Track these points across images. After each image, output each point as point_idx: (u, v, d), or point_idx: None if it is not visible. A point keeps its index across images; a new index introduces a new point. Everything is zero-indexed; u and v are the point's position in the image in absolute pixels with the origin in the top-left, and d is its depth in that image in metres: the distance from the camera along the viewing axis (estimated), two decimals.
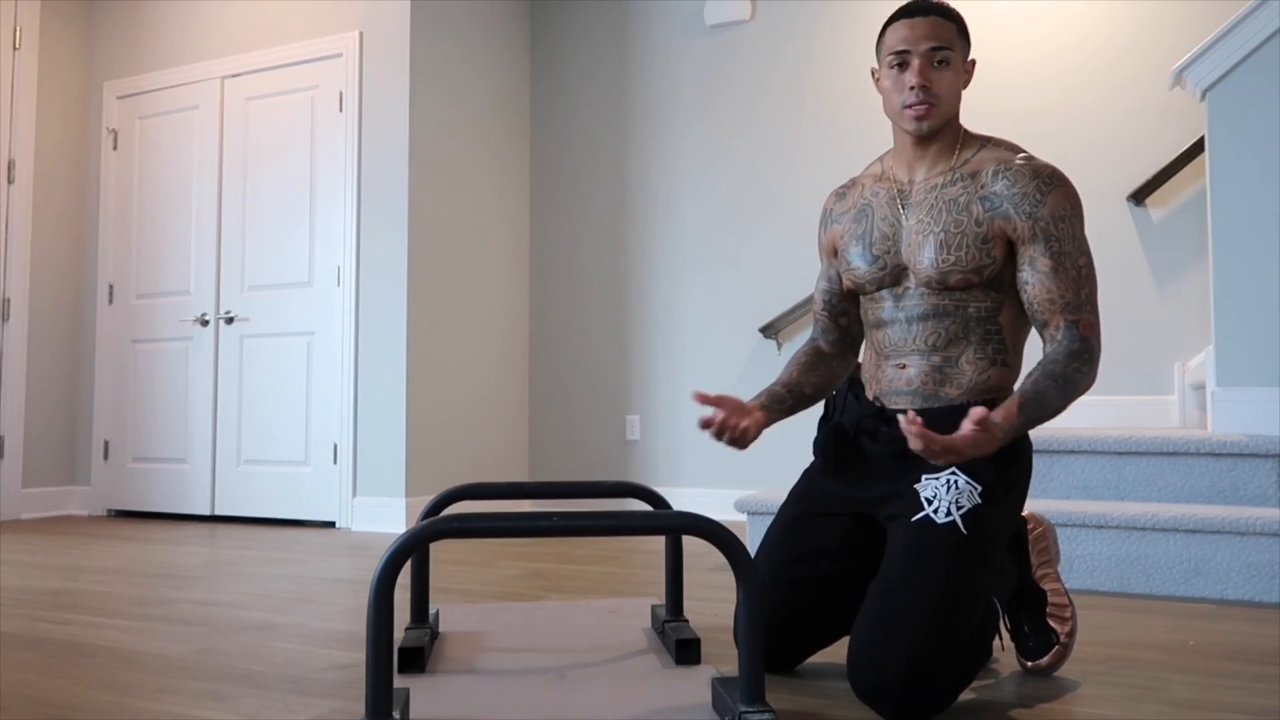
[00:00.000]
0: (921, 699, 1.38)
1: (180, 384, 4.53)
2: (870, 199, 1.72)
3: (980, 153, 1.63)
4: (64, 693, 1.62)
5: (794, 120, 4.30)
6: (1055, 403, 1.48)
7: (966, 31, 1.65)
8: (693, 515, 1.28)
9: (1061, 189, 1.56)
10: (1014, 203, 1.56)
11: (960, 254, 1.58)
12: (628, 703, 1.50)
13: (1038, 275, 1.55)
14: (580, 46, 4.80)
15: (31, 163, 4.62)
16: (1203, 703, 1.53)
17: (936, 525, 1.49)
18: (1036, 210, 1.55)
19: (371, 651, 1.21)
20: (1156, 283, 3.68)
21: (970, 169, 1.62)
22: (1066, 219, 1.56)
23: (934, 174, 1.65)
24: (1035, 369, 1.52)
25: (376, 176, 4.13)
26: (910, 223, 1.64)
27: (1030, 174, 1.57)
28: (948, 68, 1.60)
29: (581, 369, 4.69)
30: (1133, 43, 3.77)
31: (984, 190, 1.59)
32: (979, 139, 1.66)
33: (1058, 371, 1.50)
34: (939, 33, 1.59)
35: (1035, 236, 1.55)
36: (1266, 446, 2.59)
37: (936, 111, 1.59)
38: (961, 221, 1.58)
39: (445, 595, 2.51)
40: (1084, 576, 2.54)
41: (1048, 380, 1.49)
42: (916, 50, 1.59)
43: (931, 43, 1.58)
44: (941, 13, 1.61)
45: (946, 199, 1.61)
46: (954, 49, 1.60)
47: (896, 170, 1.70)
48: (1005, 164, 1.60)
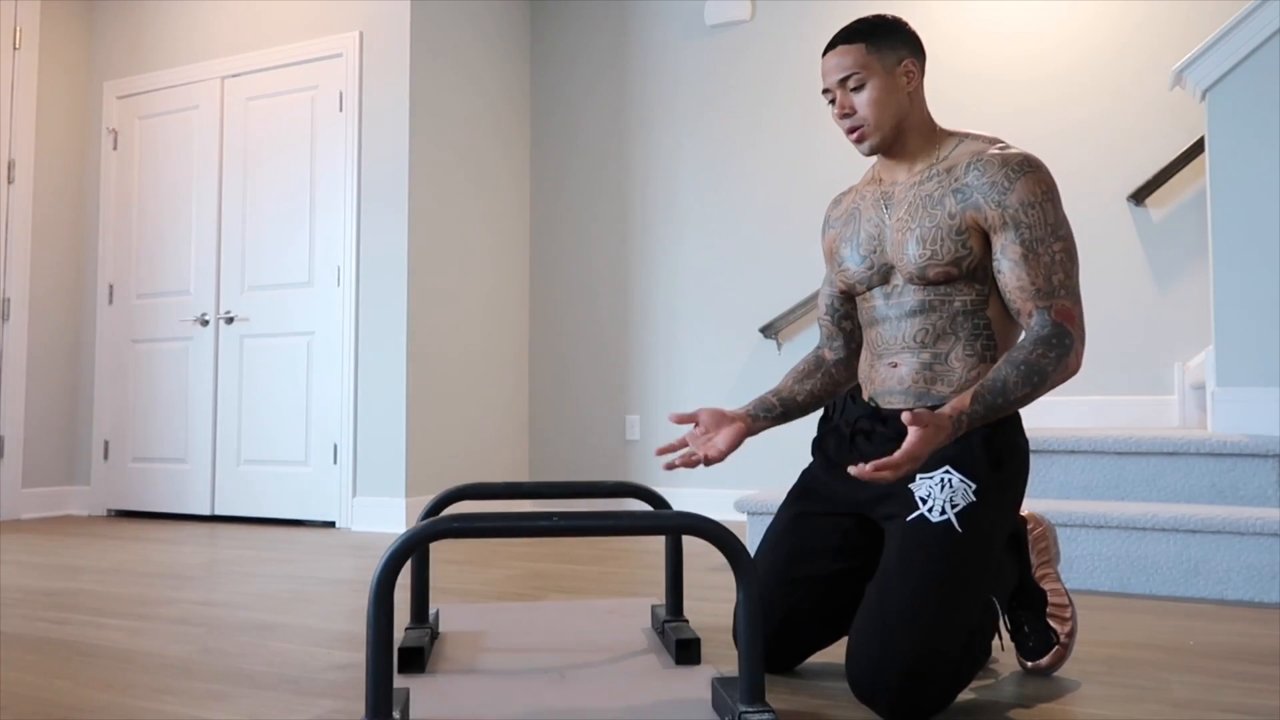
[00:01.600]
0: (920, 698, 1.38)
1: (180, 384, 4.53)
2: (859, 202, 1.76)
3: (958, 148, 1.66)
4: (64, 693, 1.62)
5: (794, 120, 4.30)
6: (1018, 390, 1.48)
7: (891, 37, 1.65)
8: (693, 515, 1.28)
9: (1032, 174, 1.56)
10: (983, 192, 1.58)
11: (936, 247, 1.59)
12: (628, 703, 1.50)
13: (1009, 263, 1.56)
14: (580, 46, 4.80)
15: (31, 163, 4.62)
16: (1203, 703, 1.53)
17: (931, 524, 1.50)
18: (1005, 198, 1.56)
19: (371, 651, 1.21)
20: (1156, 283, 3.68)
21: (947, 164, 1.64)
22: (1036, 205, 1.56)
23: (914, 173, 1.68)
24: (1001, 357, 1.53)
25: (376, 176, 4.14)
26: (892, 221, 1.67)
27: (1000, 163, 1.58)
28: (863, 89, 1.64)
29: (581, 369, 4.69)
30: (1133, 42, 3.77)
31: (957, 183, 1.61)
32: (957, 135, 1.68)
33: (1020, 358, 1.50)
34: (843, 62, 1.65)
35: (1005, 224, 1.56)
36: (1266, 446, 2.59)
37: (869, 131, 1.65)
38: (936, 215, 1.61)
39: (445, 595, 2.51)
40: (1084, 576, 2.54)
41: (1009, 367, 1.50)
42: (833, 85, 1.67)
43: (839, 74, 1.65)
44: (846, 39, 1.66)
45: (924, 195, 1.64)
46: (866, 68, 1.63)
47: (883, 173, 1.75)
48: (978, 155, 1.61)
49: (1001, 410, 1.48)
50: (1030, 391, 1.49)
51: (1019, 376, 1.49)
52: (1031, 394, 1.50)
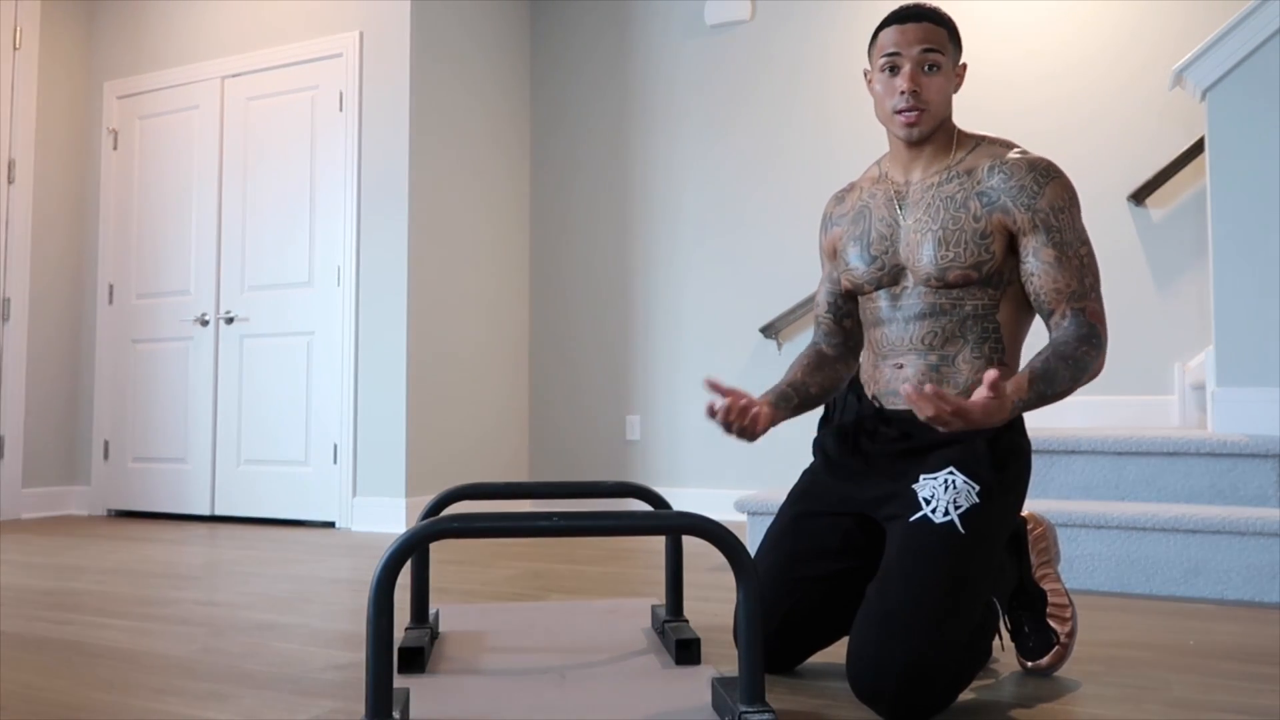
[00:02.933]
0: (921, 699, 1.38)
1: (180, 384, 4.53)
2: (868, 200, 1.73)
3: (975, 150, 1.65)
4: (64, 693, 1.62)
5: (794, 120, 4.30)
6: (1064, 384, 1.48)
7: (958, 36, 1.66)
8: (693, 515, 1.28)
9: (1058, 180, 1.57)
10: (1012, 195, 1.57)
11: (959, 250, 1.58)
12: (628, 703, 1.50)
13: (1042, 265, 1.56)
14: (580, 46, 4.80)
15: (31, 163, 4.62)
16: (1202, 703, 1.53)
17: (934, 525, 1.50)
18: (1035, 202, 1.56)
19: (371, 651, 1.21)
20: (1156, 283, 3.68)
21: (966, 166, 1.63)
22: (1065, 209, 1.57)
23: (930, 174, 1.66)
24: (1045, 349, 1.52)
25: (376, 176, 4.14)
26: (908, 222, 1.65)
27: (1026, 167, 1.58)
28: (938, 72, 1.61)
29: (581, 369, 4.69)
30: (1133, 42, 3.77)
31: (980, 186, 1.60)
32: (973, 138, 1.67)
33: (1068, 353, 1.50)
34: (931, 37, 1.60)
35: (1036, 227, 1.56)
36: (1266, 446, 2.59)
37: (926, 117, 1.61)
38: (959, 218, 1.59)
39: (445, 595, 2.51)
40: (1084, 576, 2.54)
41: (1058, 360, 1.49)
42: (908, 54, 1.60)
43: (922, 46, 1.59)
44: (933, 18, 1.62)
45: (944, 197, 1.62)
46: (945, 53, 1.61)
47: (893, 172, 1.71)
48: (1000, 159, 1.61)
49: (1046, 401, 1.48)
50: (1070, 386, 1.49)
51: (1067, 369, 1.48)
52: (1069, 389, 1.49)
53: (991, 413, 1.36)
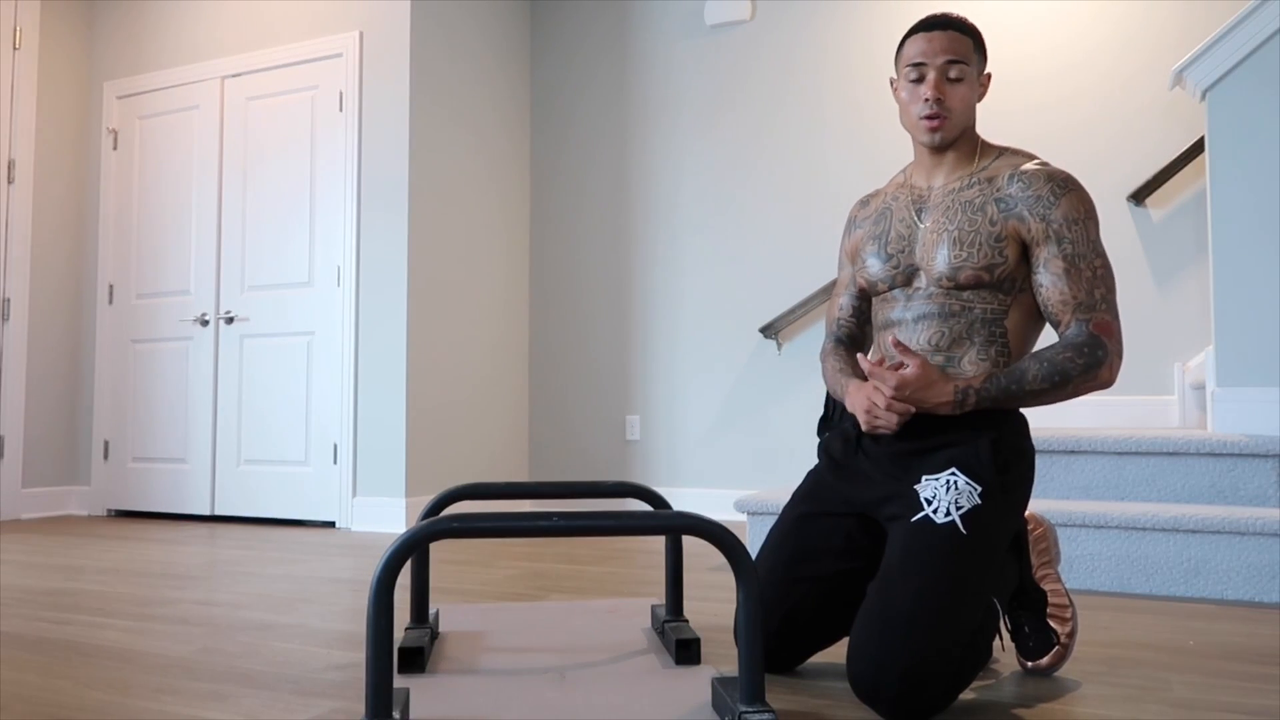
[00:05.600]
0: (921, 699, 1.38)
1: (180, 384, 4.53)
2: (890, 203, 1.77)
3: (998, 160, 1.68)
4: (64, 693, 1.62)
5: (794, 120, 4.30)
6: (1035, 384, 1.52)
7: (983, 46, 1.69)
8: (693, 515, 1.28)
9: (1075, 193, 1.60)
10: (1028, 204, 1.60)
11: (973, 250, 1.61)
12: (628, 703, 1.50)
13: (1051, 276, 1.59)
14: (580, 46, 4.80)
15: (31, 163, 4.62)
16: (1202, 703, 1.53)
17: (936, 525, 1.50)
18: (1050, 212, 1.59)
19: (371, 651, 1.21)
20: (1156, 283, 3.68)
21: (988, 174, 1.66)
22: (1080, 222, 1.59)
23: (952, 180, 1.69)
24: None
25: (376, 176, 4.13)
26: (926, 225, 1.68)
27: (1045, 178, 1.61)
28: (962, 82, 1.64)
29: (581, 369, 4.69)
30: (1133, 42, 3.77)
31: (999, 193, 1.63)
32: (996, 148, 1.71)
33: (1047, 355, 1.54)
34: (955, 46, 1.64)
35: (1049, 238, 1.59)
36: (1266, 446, 2.59)
37: (949, 124, 1.64)
38: (976, 221, 1.62)
39: (445, 595, 2.51)
40: (1084, 576, 2.54)
41: (1031, 360, 1.54)
42: (932, 63, 1.64)
43: (947, 56, 1.63)
44: (959, 27, 1.65)
45: (963, 201, 1.65)
46: (969, 63, 1.65)
47: (917, 178, 1.75)
48: (1020, 168, 1.64)
49: (1015, 399, 1.52)
50: (1049, 390, 1.52)
51: (1039, 371, 1.52)
52: (1051, 393, 1.53)
53: (922, 380, 1.52)
